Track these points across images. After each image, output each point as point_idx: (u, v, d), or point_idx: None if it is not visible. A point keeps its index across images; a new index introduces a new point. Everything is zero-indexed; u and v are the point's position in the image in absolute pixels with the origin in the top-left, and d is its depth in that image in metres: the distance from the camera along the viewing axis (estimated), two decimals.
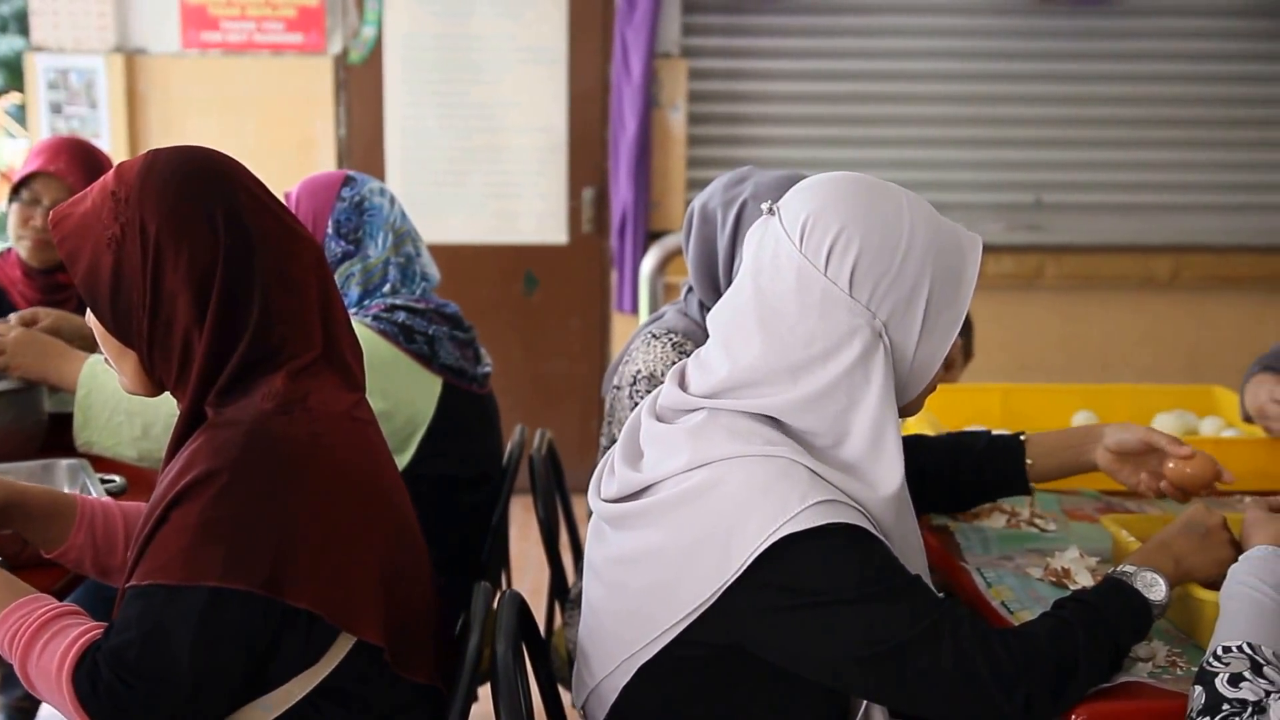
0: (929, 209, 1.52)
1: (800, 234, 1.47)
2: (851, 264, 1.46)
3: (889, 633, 1.40)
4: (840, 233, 1.46)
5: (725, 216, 1.94)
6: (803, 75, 4.89)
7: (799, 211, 1.49)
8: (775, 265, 1.49)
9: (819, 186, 1.51)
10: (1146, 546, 1.63)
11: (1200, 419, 2.59)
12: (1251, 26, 4.95)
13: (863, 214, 1.47)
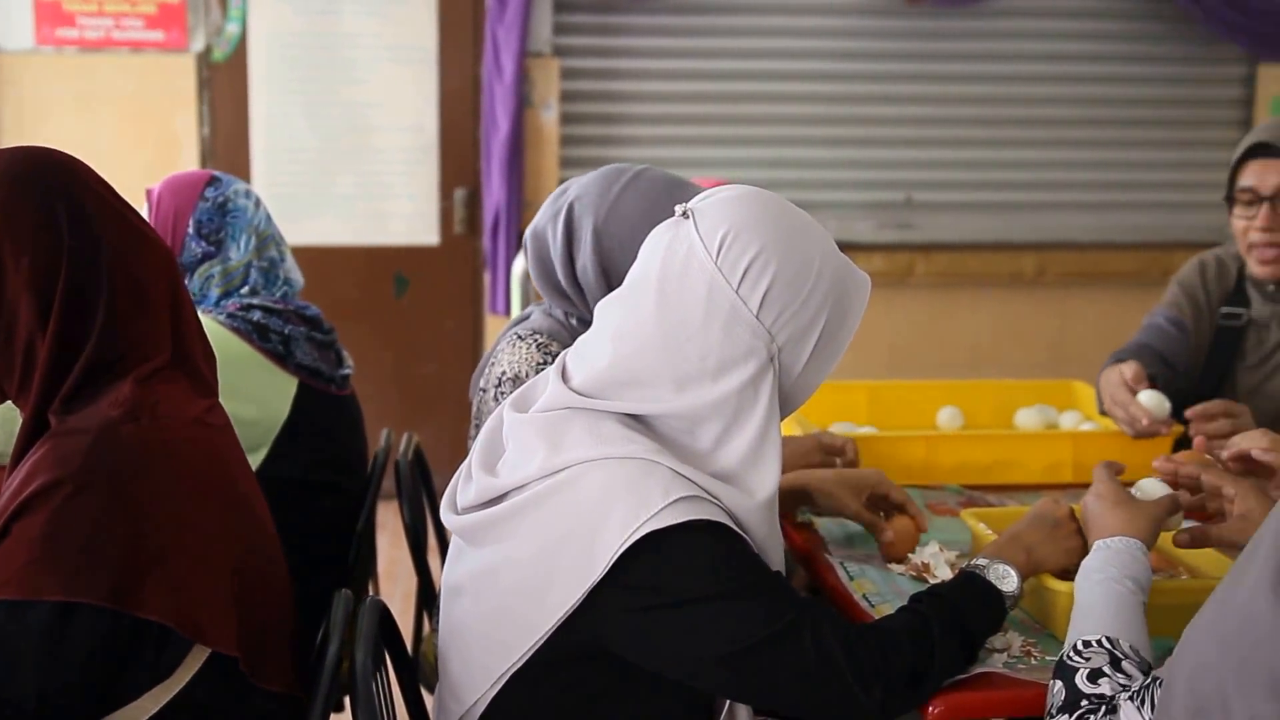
0: (833, 243, 1.54)
1: (718, 246, 1.47)
2: (765, 287, 1.46)
3: (750, 630, 1.40)
4: (760, 254, 1.46)
5: (555, 229, 1.95)
6: (675, 75, 4.91)
7: (718, 223, 1.48)
8: (684, 271, 1.47)
9: (741, 202, 1.50)
10: (998, 540, 1.67)
11: (1060, 413, 2.65)
12: (1112, 29, 5.08)
13: (783, 239, 1.48)
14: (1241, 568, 1.07)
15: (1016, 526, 1.69)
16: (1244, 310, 2.52)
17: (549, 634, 1.43)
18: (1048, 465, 2.36)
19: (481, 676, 1.49)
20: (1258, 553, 1.04)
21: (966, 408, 2.66)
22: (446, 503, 1.59)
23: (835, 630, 1.44)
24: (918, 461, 2.31)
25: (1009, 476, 2.36)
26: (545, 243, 1.97)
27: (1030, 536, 1.67)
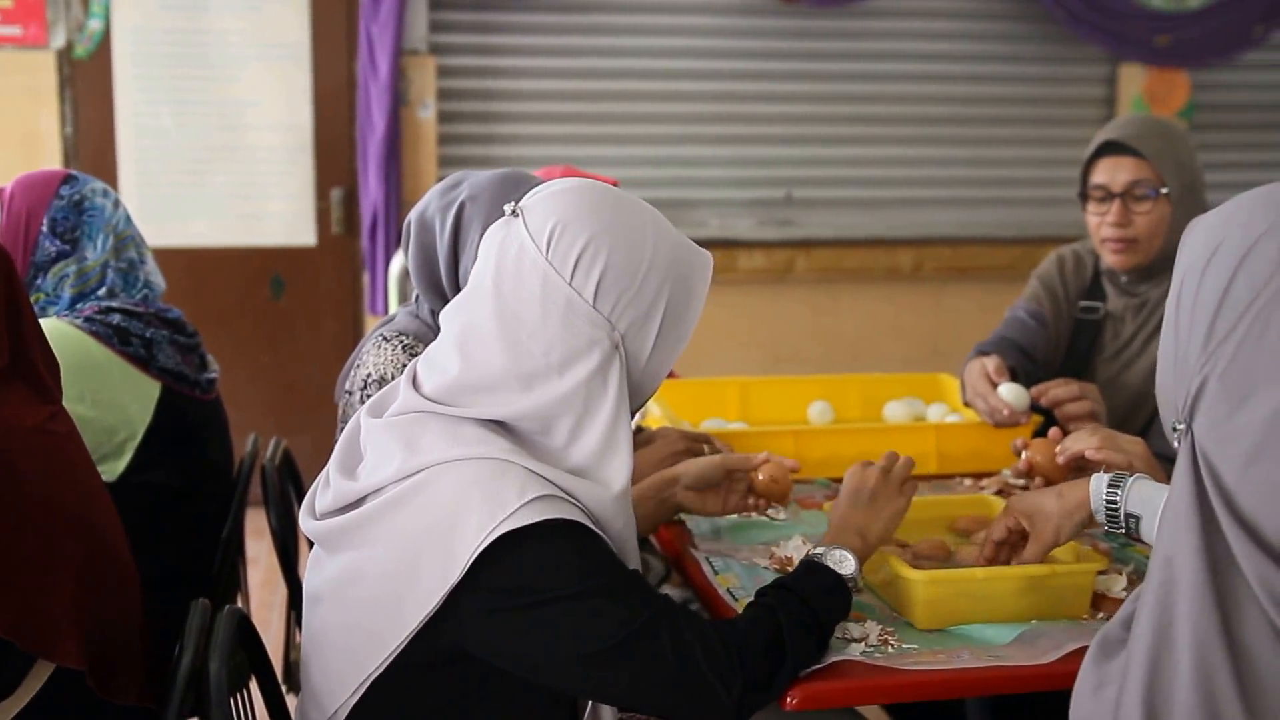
0: (668, 225, 1.55)
1: (547, 241, 1.47)
2: (598, 276, 1.46)
3: (609, 629, 1.41)
4: (589, 243, 1.46)
5: (444, 221, 1.91)
6: (554, 73, 4.90)
7: (546, 218, 1.48)
8: (518, 269, 1.47)
9: (567, 194, 1.51)
10: (831, 528, 1.71)
11: (928, 405, 2.69)
12: (981, 29, 5.18)
13: (611, 226, 1.48)
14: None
15: (840, 513, 1.73)
16: (1100, 304, 2.59)
17: (409, 639, 1.42)
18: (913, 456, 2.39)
19: (342, 684, 1.48)
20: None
21: (838, 402, 2.70)
22: (305, 509, 1.57)
23: (693, 628, 1.45)
24: (785, 455, 2.33)
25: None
26: (432, 233, 1.93)
27: (857, 518, 1.71)
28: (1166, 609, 1.02)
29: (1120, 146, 2.44)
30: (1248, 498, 1.00)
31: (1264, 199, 1.06)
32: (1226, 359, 1.02)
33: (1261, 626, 0.97)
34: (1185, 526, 1.02)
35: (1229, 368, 1.02)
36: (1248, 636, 0.98)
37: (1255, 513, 0.99)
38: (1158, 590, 1.03)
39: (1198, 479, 1.03)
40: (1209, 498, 1.02)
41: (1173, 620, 1.01)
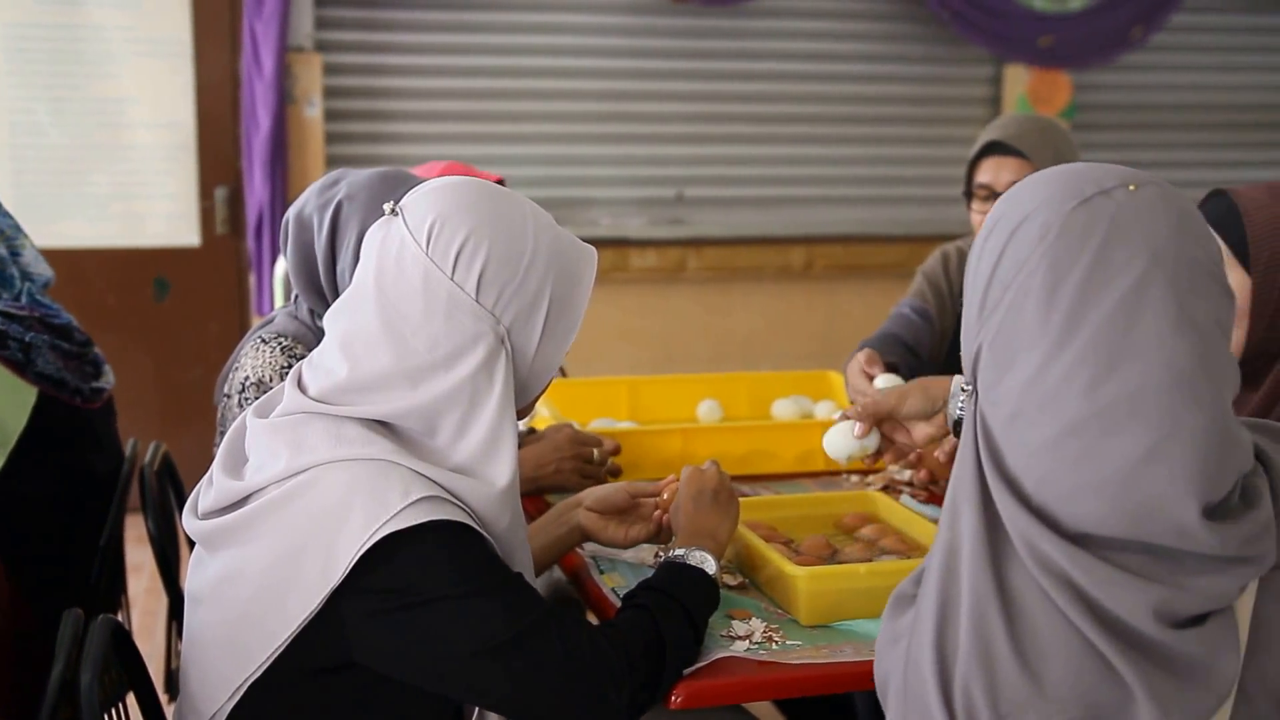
0: (550, 219, 1.55)
1: (427, 237, 1.46)
2: (479, 269, 1.46)
3: (494, 630, 1.40)
4: (469, 238, 1.46)
5: (321, 220, 1.89)
6: (444, 71, 4.86)
7: (425, 214, 1.48)
8: (399, 267, 1.46)
9: (446, 190, 1.51)
10: (682, 532, 1.72)
11: (816, 403, 2.72)
12: (869, 30, 5.25)
13: (491, 220, 1.48)
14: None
15: (686, 518, 1.74)
16: None
17: (289, 641, 1.40)
18: (800, 454, 2.42)
19: (219, 687, 1.45)
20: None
21: (726, 400, 2.71)
22: (188, 509, 1.54)
23: (579, 630, 1.45)
24: (674, 454, 2.33)
25: (764, 466, 2.40)
26: (310, 232, 1.90)
27: (704, 520, 1.73)
28: (951, 563, 1.09)
29: (1004, 147, 2.48)
30: (1011, 457, 1.08)
31: (1037, 182, 1.14)
32: (994, 328, 1.10)
33: (1028, 578, 1.05)
34: (968, 484, 1.09)
35: (996, 337, 1.10)
36: (1018, 587, 1.05)
37: (1016, 470, 1.08)
38: (944, 545, 1.11)
39: (976, 436, 1.11)
40: (981, 454, 1.10)
41: (956, 573, 1.09)
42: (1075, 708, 1.03)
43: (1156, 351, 1.04)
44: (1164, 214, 1.08)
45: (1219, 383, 1.06)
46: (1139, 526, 1.04)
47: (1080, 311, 1.06)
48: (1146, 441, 1.03)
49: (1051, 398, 1.06)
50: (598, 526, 1.85)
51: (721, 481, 1.79)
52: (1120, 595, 1.03)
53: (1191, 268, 1.07)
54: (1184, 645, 1.02)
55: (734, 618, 1.69)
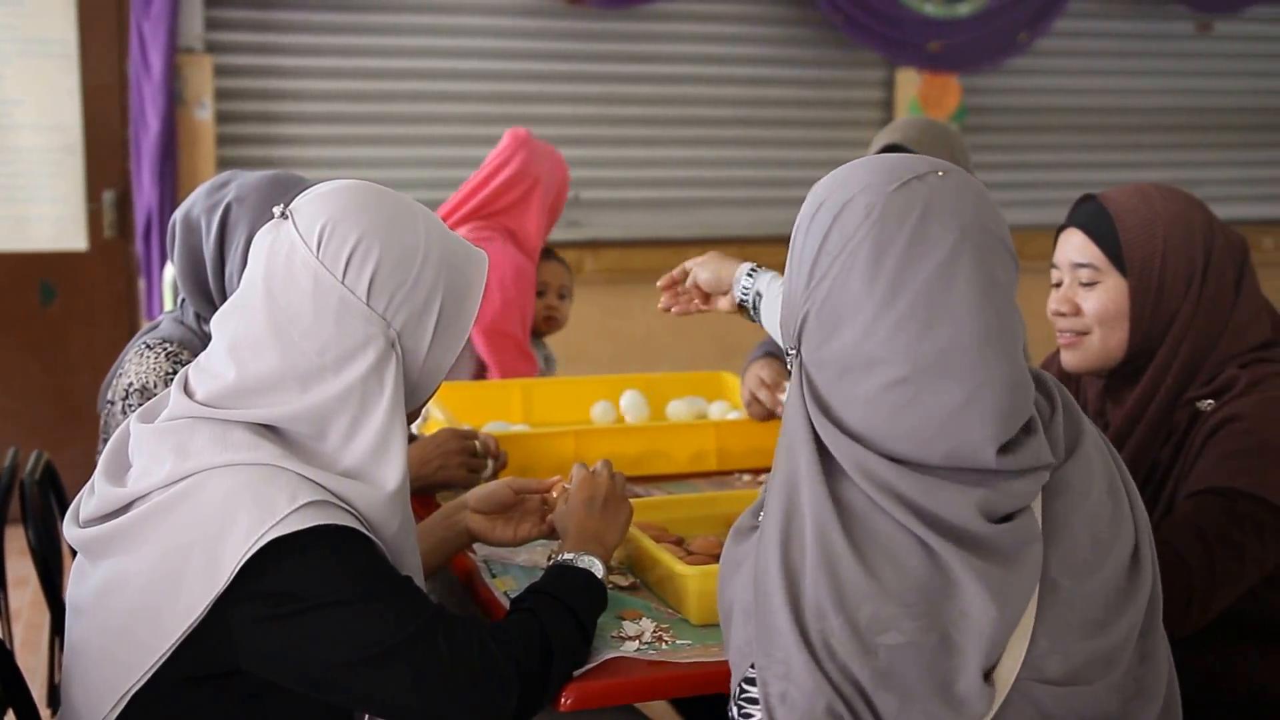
0: (441, 223, 1.55)
1: (318, 240, 1.45)
2: (370, 273, 1.45)
3: (381, 635, 1.40)
4: (360, 241, 1.45)
5: (209, 222, 1.86)
6: (338, 73, 4.81)
7: (316, 217, 1.47)
8: (289, 271, 1.45)
9: (336, 194, 1.50)
10: (570, 536, 1.73)
11: (710, 403, 2.74)
12: (763, 33, 5.30)
13: (382, 224, 1.47)
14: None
15: (578, 518, 1.75)
16: None
17: (173, 649, 1.38)
18: (693, 454, 2.44)
19: (102, 698, 1.43)
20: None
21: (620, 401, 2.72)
22: (70, 517, 1.52)
23: (467, 634, 1.45)
24: (568, 456, 2.34)
25: (657, 467, 2.42)
26: (198, 235, 1.87)
27: (593, 525, 1.74)
28: (790, 491, 1.23)
29: (902, 149, 2.53)
30: (838, 405, 1.23)
31: (856, 168, 1.28)
32: (821, 297, 1.23)
33: (860, 493, 1.20)
34: (798, 424, 1.25)
35: (823, 305, 1.23)
36: (853, 500, 1.20)
37: (842, 414, 1.23)
38: (783, 475, 1.24)
39: (803, 392, 1.25)
40: (809, 407, 1.24)
41: (796, 498, 1.22)
42: (912, 596, 1.17)
43: (967, 312, 1.19)
44: (968, 195, 1.24)
45: (1015, 337, 1.23)
46: (949, 460, 1.20)
47: (901, 279, 1.20)
48: (962, 391, 1.18)
49: (877, 356, 1.20)
50: (485, 528, 1.85)
51: (613, 486, 1.80)
52: (945, 499, 1.18)
53: (991, 240, 1.23)
54: (1000, 537, 1.18)
55: (624, 618, 1.70)
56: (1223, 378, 1.83)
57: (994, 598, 1.16)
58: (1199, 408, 1.82)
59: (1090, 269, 1.86)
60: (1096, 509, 1.27)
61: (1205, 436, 1.80)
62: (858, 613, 1.17)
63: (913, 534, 1.18)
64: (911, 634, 1.16)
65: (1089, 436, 1.32)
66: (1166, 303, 1.83)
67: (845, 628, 1.17)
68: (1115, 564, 1.26)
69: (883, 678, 1.17)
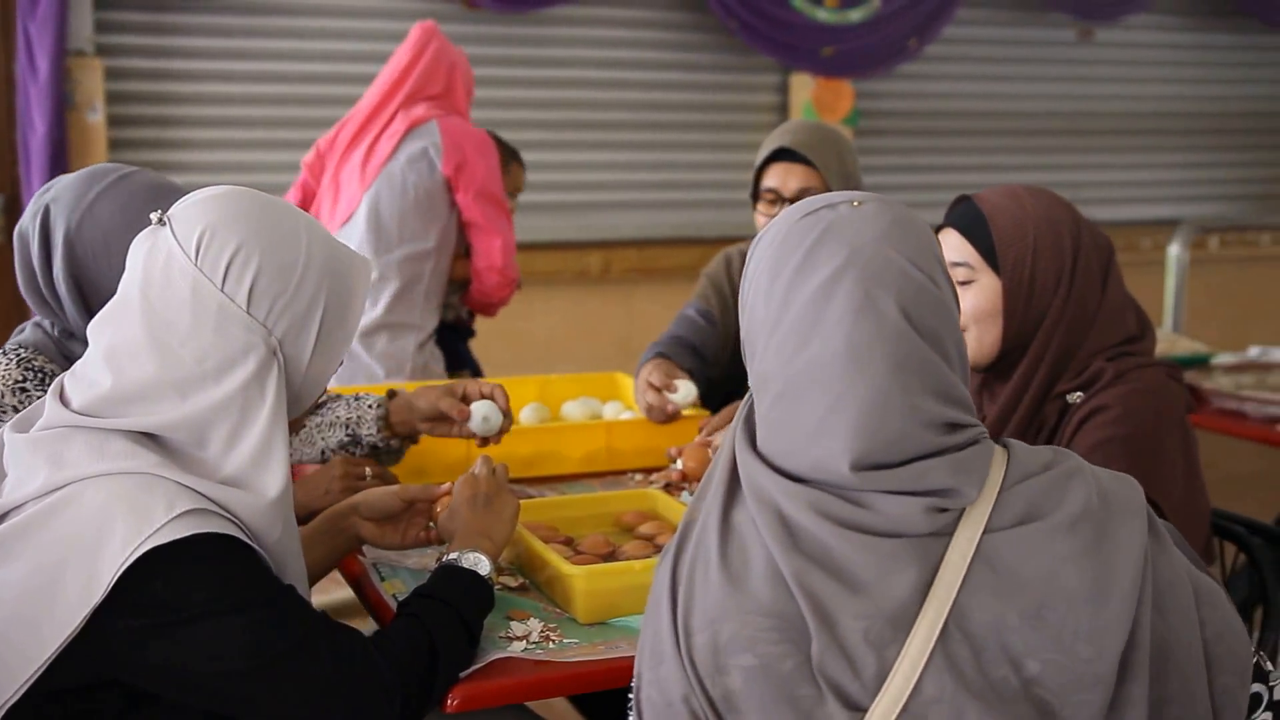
0: (325, 230, 1.55)
1: (196, 248, 1.45)
2: (250, 281, 1.45)
3: (263, 644, 1.40)
4: (240, 249, 1.45)
5: (33, 228, 1.81)
6: (234, 77, 4.76)
7: (194, 224, 1.46)
8: (167, 278, 1.45)
9: (216, 200, 1.49)
10: (458, 535, 1.75)
11: (604, 404, 2.78)
12: (663, 38, 5.34)
13: (263, 231, 1.47)
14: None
15: (463, 517, 1.78)
16: None
17: (49, 662, 1.37)
18: (586, 454, 2.47)
19: None
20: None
21: (516, 404, 2.73)
22: None
23: (350, 641, 1.47)
24: (460, 459, 2.36)
25: (551, 468, 2.45)
26: (26, 243, 1.85)
27: (480, 522, 1.77)
28: (697, 504, 1.29)
29: (792, 154, 2.58)
30: (756, 425, 1.27)
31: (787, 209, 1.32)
32: (745, 322, 1.30)
33: (747, 514, 1.23)
34: (726, 445, 1.30)
35: (745, 329, 1.30)
36: (739, 520, 1.24)
37: (756, 434, 1.27)
38: (699, 492, 1.30)
39: (745, 407, 1.30)
40: (738, 426, 1.29)
41: (697, 511, 1.29)
42: (768, 617, 1.17)
43: (837, 329, 1.20)
44: (874, 222, 1.24)
45: (897, 366, 1.19)
46: (813, 473, 1.21)
47: (788, 300, 1.23)
48: (824, 404, 1.20)
49: (769, 374, 1.24)
50: (374, 533, 1.87)
51: (495, 484, 1.82)
52: (810, 510, 1.19)
53: (886, 265, 1.22)
54: (858, 553, 1.17)
55: (513, 619, 1.72)
56: (1090, 371, 1.90)
57: (823, 625, 1.14)
58: (1069, 400, 1.89)
59: (965, 268, 1.90)
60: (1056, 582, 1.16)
61: (1075, 428, 1.87)
62: (720, 631, 1.18)
63: (769, 548, 1.19)
64: (767, 658, 1.16)
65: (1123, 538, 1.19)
66: (1038, 300, 1.89)
67: (707, 645, 1.18)
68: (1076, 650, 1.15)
69: (733, 698, 1.16)
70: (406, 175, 3.26)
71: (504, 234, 3.35)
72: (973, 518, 1.19)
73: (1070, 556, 1.16)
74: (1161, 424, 1.85)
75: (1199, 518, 1.89)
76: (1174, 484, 1.83)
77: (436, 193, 3.28)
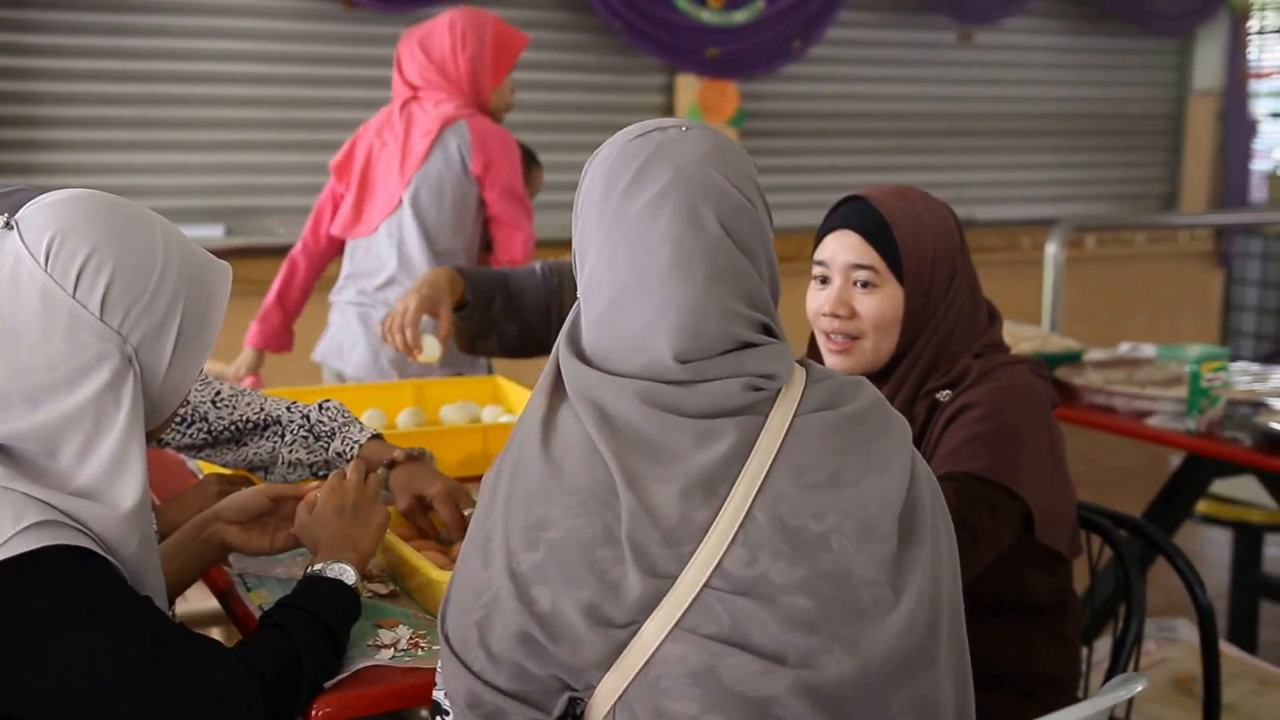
0: (183, 235, 1.51)
1: (46, 253, 1.40)
2: (104, 287, 1.41)
3: (119, 658, 1.36)
4: (92, 254, 1.41)
5: None
6: (102, 76, 4.65)
7: (44, 228, 1.41)
8: (15, 284, 1.40)
9: (67, 204, 1.44)
10: (323, 544, 1.71)
11: (482, 407, 2.75)
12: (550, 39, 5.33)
13: (116, 236, 1.43)
14: None
15: (330, 527, 1.73)
16: None
17: None
18: (463, 458, 2.44)
19: None
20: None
21: (391, 408, 2.69)
22: None
23: (210, 653, 1.43)
24: None
25: None
26: None
27: (345, 531, 1.73)
28: (526, 411, 1.35)
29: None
30: (582, 332, 1.34)
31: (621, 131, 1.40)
32: (577, 237, 1.37)
33: (569, 409, 1.30)
34: (551, 359, 1.36)
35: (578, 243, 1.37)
36: (561, 415, 1.31)
37: (583, 340, 1.34)
38: (529, 401, 1.37)
39: (570, 316, 1.37)
40: (562, 334, 1.36)
41: (523, 418, 1.34)
42: (585, 494, 1.25)
43: (664, 241, 1.29)
44: (699, 145, 1.34)
45: (716, 274, 1.29)
46: (643, 373, 1.29)
47: (619, 213, 1.31)
48: (650, 310, 1.28)
49: (599, 281, 1.31)
50: (241, 539, 1.81)
51: (363, 492, 1.79)
52: (620, 395, 1.27)
53: (709, 185, 1.31)
54: (677, 435, 1.26)
55: (381, 627, 1.69)
56: (958, 369, 1.92)
57: (631, 487, 1.23)
58: (938, 398, 1.91)
59: (870, 271, 1.88)
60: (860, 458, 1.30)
61: (943, 425, 1.89)
62: (530, 513, 1.26)
63: (589, 435, 1.27)
64: (573, 530, 1.24)
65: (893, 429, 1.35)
66: (931, 307, 1.90)
67: (521, 526, 1.26)
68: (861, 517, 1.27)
69: (539, 570, 1.25)
70: (444, 175, 3.37)
71: (525, 229, 3.46)
72: (785, 401, 1.31)
73: (863, 437, 1.32)
74: (1026, 420, 1.88)
75: (1065, 511, 1.92)
76: (1040, 478, 1.86)
77: (468, 190, 3.40)
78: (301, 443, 2.08)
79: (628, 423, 1.27)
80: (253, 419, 2.06)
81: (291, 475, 2.07)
